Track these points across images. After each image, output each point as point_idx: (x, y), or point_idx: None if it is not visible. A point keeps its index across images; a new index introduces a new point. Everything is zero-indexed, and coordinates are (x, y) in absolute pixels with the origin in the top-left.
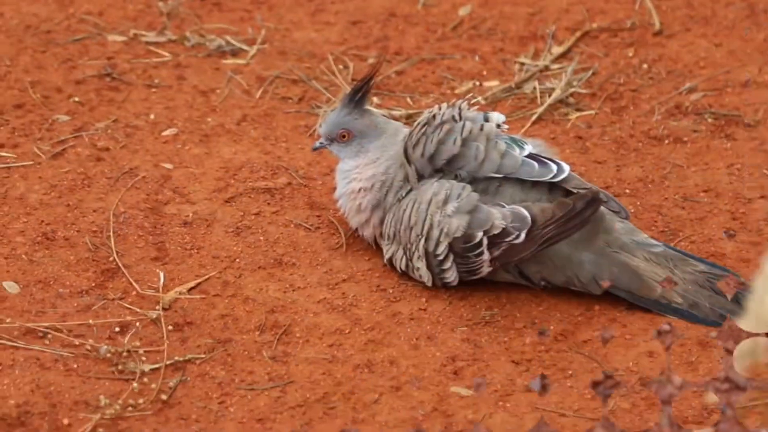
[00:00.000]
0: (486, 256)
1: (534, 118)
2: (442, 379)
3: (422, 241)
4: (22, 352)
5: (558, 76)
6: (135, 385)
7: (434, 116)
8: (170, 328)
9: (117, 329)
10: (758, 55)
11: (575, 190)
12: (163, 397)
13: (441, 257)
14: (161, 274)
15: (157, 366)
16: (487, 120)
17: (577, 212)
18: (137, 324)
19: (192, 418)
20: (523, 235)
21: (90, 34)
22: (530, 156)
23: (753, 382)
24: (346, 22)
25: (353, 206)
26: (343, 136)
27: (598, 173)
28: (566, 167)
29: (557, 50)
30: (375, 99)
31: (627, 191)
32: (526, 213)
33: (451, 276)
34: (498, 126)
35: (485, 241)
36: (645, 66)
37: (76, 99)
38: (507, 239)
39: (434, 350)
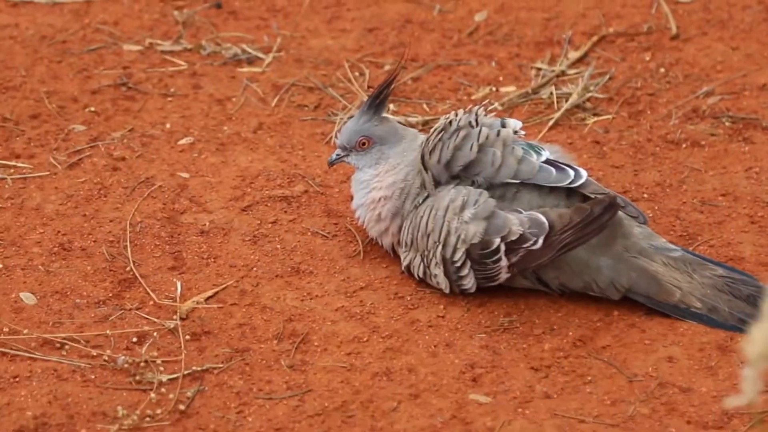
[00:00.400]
0: (504, 262)
1: (551, 123)
2: (460, 387)
3: (439, 247)
4: (39, 364)
5: (575, 81)
6: (153, 395)
7: (451, 122)
8: (188, 337)
9: (134, 339)
10: None
11: (593, 195)
12: (181, 407)
13: (458, 264)
14: (178, 284)
15: (174, 376)
16: (503, 126)
17: (595, 217)
18: (154, 334)
19: (210, 428)
20: (540, 241)
21: (105, 44)
22: (547, 161)
23: None
24: (362, 29)
25: (372, 216)
26: (363, 144)
27: (616, 178)
28: (583, 172)
29: (574, 55)
30: (391, 106)
31: (645, 196)
32: (543, 219)
33: (469, 283)
34: (515, 132)
35: (503, 248)
36: (662, 70)
37: (92, 109)
38: (524, 245)
39: (453, 357)
